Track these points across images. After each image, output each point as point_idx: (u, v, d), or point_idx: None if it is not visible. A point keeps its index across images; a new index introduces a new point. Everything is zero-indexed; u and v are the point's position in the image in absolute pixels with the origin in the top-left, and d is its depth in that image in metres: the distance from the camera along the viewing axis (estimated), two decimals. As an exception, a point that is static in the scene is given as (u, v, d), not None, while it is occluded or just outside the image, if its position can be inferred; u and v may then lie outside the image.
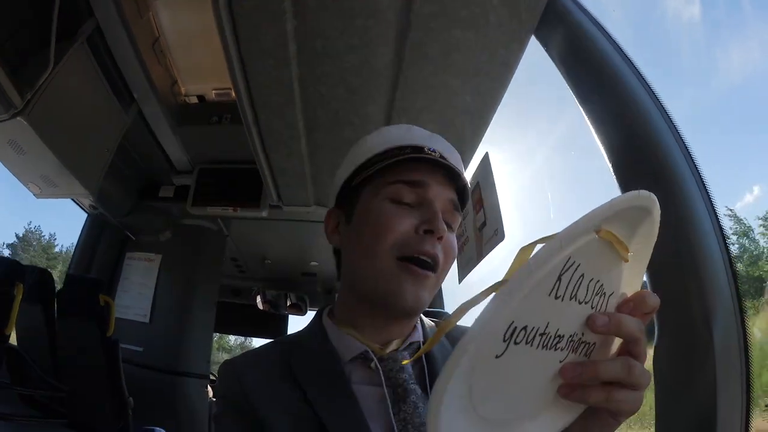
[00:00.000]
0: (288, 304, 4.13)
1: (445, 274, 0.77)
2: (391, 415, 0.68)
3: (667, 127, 1.02)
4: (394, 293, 0.70)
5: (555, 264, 0.40)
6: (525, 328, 0.41)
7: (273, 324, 4.29)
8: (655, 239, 0.51)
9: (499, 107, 1.55)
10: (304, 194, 2.13)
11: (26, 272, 1.87)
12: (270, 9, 1.24)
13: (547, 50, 1.32)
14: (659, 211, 0.49)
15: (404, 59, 1.36)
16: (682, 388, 0.87)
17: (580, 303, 0.44)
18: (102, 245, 2.83)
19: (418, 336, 0.79)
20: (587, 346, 0.48)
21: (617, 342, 0.51)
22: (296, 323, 4.34)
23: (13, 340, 1.92)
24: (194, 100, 2.43)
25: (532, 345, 0.42)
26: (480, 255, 1.64)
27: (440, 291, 2.55)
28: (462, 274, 1.79)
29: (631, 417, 0.53)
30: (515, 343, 0.41)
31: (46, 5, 1.59)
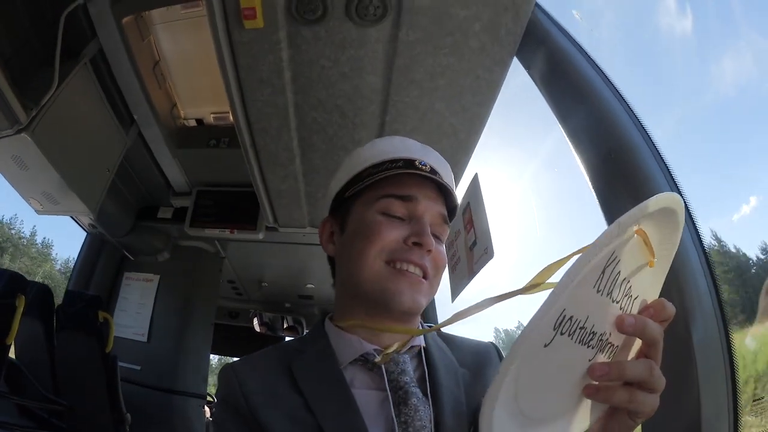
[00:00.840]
0: (285, 327, 4.12)
1: (437, 284, 0.79)
2: (393, 418, 0.68)
3: (644, 142, 1.05)
4: (392, 294, 0.72)
5: (602, 255, 0.43)
6: (571, 318, 0.43)
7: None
8: (675, 249, 0.54)
9: (491, 128, 1.60)
10: (300, 216, 2.17)
11: (27, 286, 1.90)
12: (267, 39, 1.30)
13: (528, 72, 1.37)
14: (683, 220, 0.52)
15: (392, 85, 1.43)
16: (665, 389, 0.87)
17: (613, 302, 0.47)
18: (100, 264, 2.84)
19: (419, 340, 0.80)
20: (611, 347, 0.50)
21: (635, 349, 0.54)
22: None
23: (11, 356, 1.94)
24: (193, 123, 2.46)
25: (572, 338, 0.44)
26: (471, 273, 1.67)
27: (434, 305, 2.56)
28: (455, 292, 1.82)
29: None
30: (561, 333, 0.43)
31: (51, 26, 1.63)
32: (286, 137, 1.64)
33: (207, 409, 2.97)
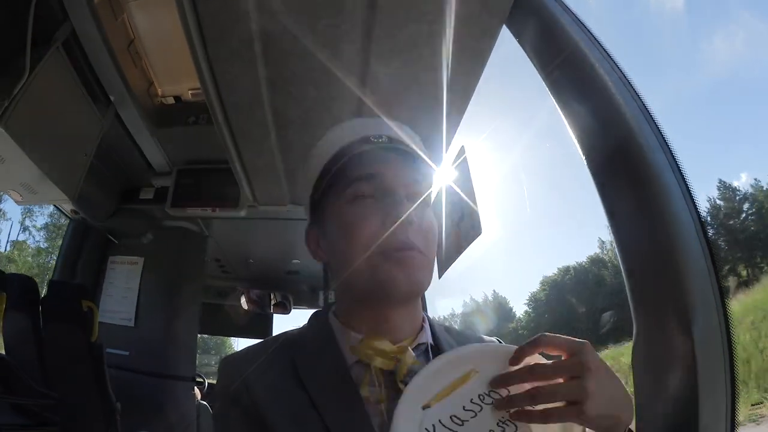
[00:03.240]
0: (273, 304, 4.10)
1: (434, 251, 0.76)
2: None
3: (644, 119, 0.99)
4: (386, 282, 0.70)
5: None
6: None
7: (258, 324, 4.25)
8: None
9: (480, 98, 1.53)
10: (280, 193, 2.11)
11: (8, 280, 1.86)
12: (234, 9, 1.22)
13: (519, 41, 1.28)
14: None
15: (371, 55, 1.35)
16: (661, 391, 0.82)
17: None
18: (85, 250, 2.82)
19: (426, 337, 0.79)
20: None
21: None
22: (280, 323, 4.27)
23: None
24: (171, 101, 2.40)
25: None
26: (459, 250, 1.63)
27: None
28: (442, 269, 1.78)
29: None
30: None
31: (21, 11, 1.57)
32: (260, 112, 1.56)
33: (198, 391, 2.95)
